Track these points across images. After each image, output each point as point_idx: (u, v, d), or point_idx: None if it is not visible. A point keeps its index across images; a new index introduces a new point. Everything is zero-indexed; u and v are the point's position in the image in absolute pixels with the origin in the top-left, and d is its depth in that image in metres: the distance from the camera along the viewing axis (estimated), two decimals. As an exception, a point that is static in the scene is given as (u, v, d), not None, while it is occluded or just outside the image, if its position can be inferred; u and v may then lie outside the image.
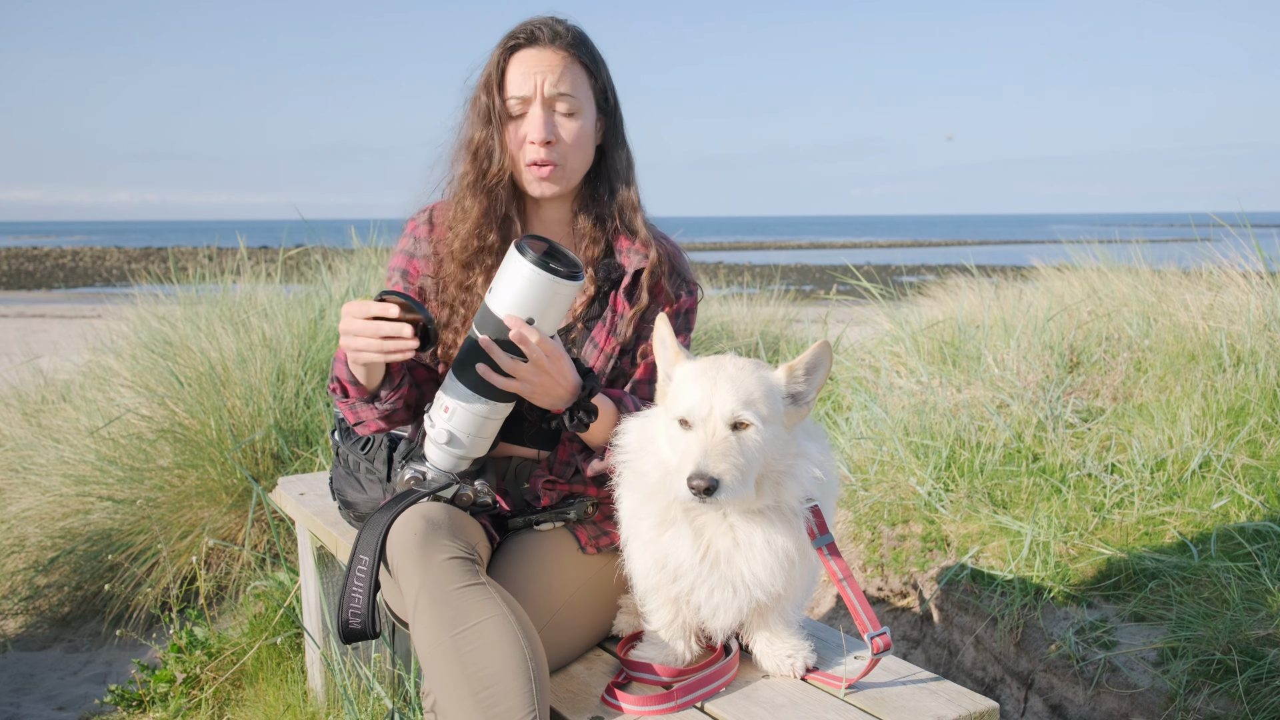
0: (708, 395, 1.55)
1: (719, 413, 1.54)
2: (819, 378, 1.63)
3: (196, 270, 5.70)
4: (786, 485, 1.61)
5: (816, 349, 1.62)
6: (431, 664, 1.59)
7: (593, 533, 1.94)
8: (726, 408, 1.54)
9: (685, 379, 1.61)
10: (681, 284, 2.05)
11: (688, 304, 2.06)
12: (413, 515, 1.71)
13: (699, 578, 1.65)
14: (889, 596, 3.15)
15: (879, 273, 5.58)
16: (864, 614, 1.63)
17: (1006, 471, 3.28)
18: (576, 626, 1.88)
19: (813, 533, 1.65)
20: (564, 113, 1.95)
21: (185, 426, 4.00)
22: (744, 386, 1.56)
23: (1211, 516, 2.90)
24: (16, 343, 9.05)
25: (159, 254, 38.85)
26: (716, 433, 1.53)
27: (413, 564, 1.65)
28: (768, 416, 1.56)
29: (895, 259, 39.46)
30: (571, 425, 1.83)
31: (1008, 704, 2.68)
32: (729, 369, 1.59)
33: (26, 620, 3.87)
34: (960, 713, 1.59)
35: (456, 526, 1.73)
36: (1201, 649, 2.39)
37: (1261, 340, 3.53)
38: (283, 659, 3.02)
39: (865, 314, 5.25)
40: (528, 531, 1.96)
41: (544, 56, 1.93)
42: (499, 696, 1.54)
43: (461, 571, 1.65)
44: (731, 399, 1.54)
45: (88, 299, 21.89)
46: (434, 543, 1.66)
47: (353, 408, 1.92)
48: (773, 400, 1.58)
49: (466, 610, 1.60)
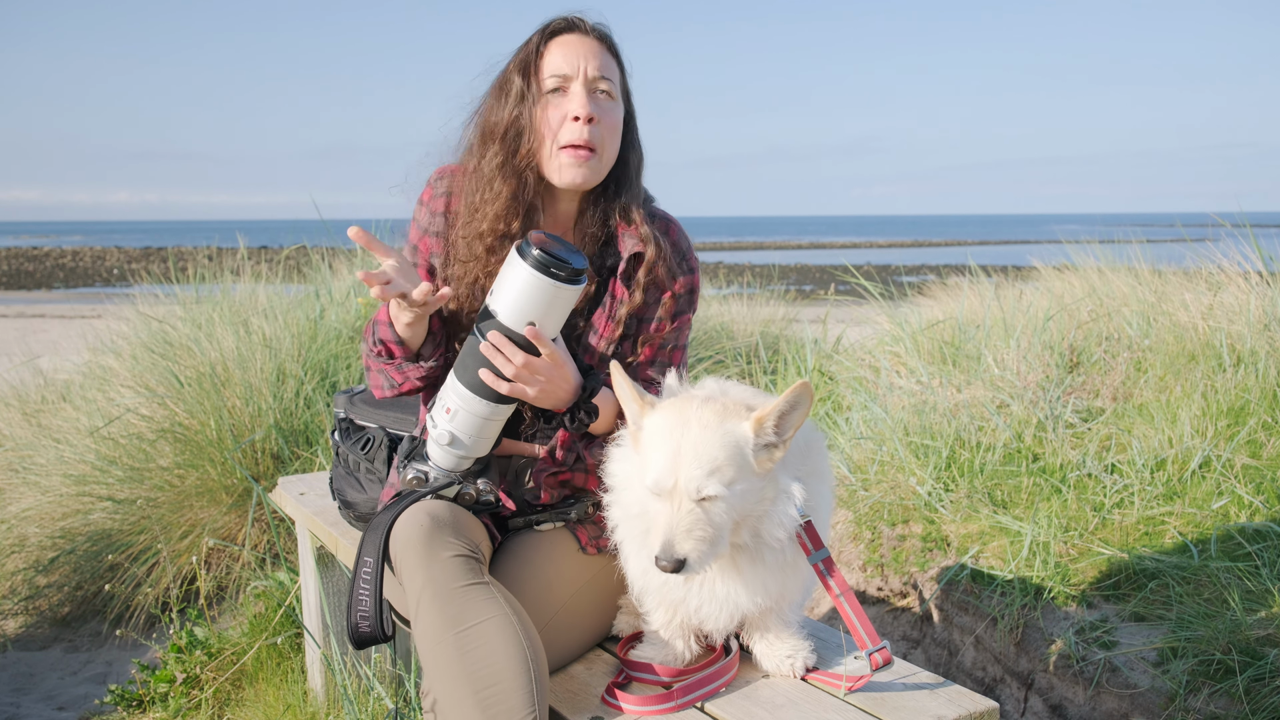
0: (672, 466, 1.52)
1: (683, 487, 1.51)
2: (795, 420, 1.56)
3: (196, 270, 5.70)
4: (765, 527, 1.60)
5: (792, 393, 1.54)
6: (433, 661, 1.59)
7: (593, 532, 1.94)
8: (691, 484, 1.50)
9: (652, 439, 1.57)
10: (681, 262, 2.01)
11: (687, 284, 2.01)
12: (417, 513, 1.71)
13: (689, 590, 1.66)
14: (889, 596, 3.15)
15: (879, 273, 5.58)
16: (862, 630, 1.63)
17: (1006, 471, 3.28)
18: (577, 626, 1.88)
19: (806, 548, 1.63)
20: (605, 94, 1.90)
21: (185, 426, 4.00)
22: (708, 454, 1.51)
23: (1211, 516, 2.90)
24: (16, 343, 9.06)
25: (159, 254, 38.85)
26: (682, 507, 1.51)
27: (416, 561, 1.65)
28: (734, 478, 1.53)
29: (895, 259, 39.46)
30: (573, 425, 1.83)
31: (1008, 704, 2.68)
32: (693, 431, 1.53)
33: (26, 620, 3.87)
34: (960, 713, 1.59)
35: (460, 525, 1.73)
36: (1201, 649, 2.39)
37: (1261, 340, 3.53)
38: (283, 659, 3.02)
39: (865, 314, 5.25)
40: (528, 531, 1.95)
41: (586, 43, 1.91)
42: (499, 696, 1.54)
43: (465, 570, 1.65)
44: (696, 471, 1.50)
45: (88, 299, 21.89)
46: (438, 540, 1.66)
47: (399, 368, 1.92)
48: (740, 459, 1.54)
49: (469, 609, 1.60)
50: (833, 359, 4.80)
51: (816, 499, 1.67)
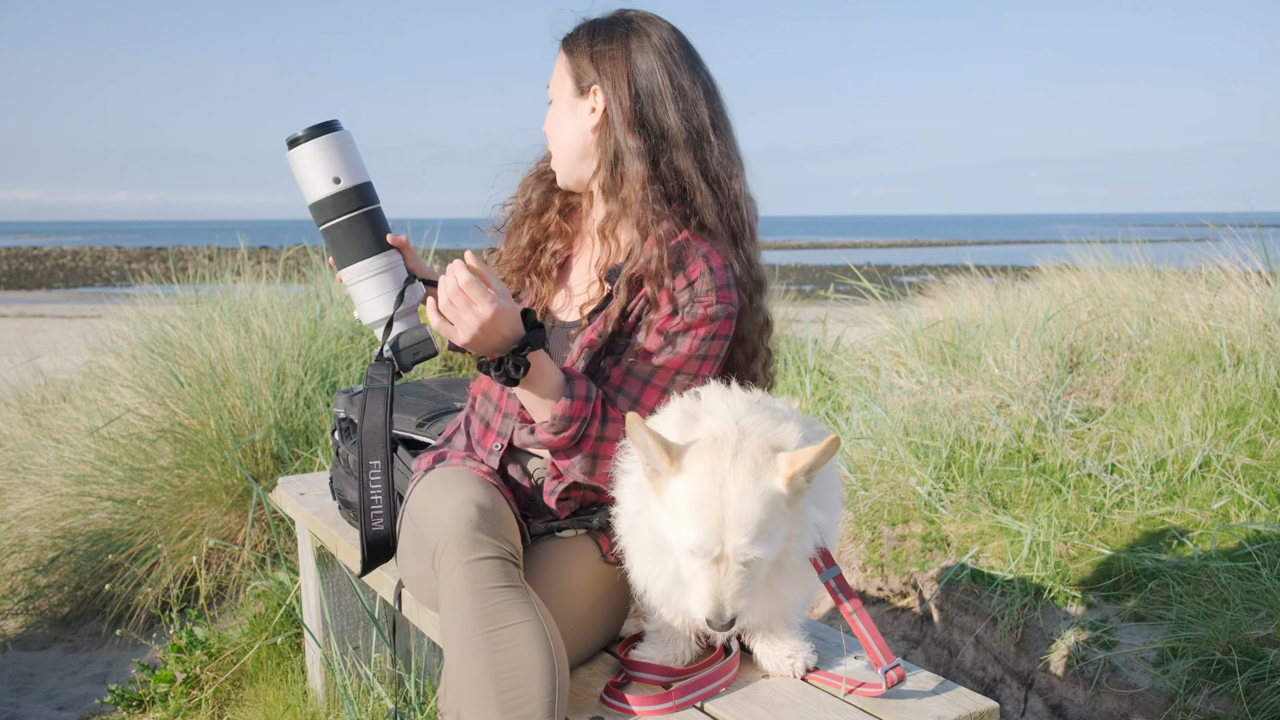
0: (716, 533, 1.48)
1: (731, 554, 1.49)
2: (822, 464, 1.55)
3: (196, 270, 5.69)
4: (789, 558, 1.60)
5: (825, 447, 1.51)
6: (459, 655, 1.60)
7: (614, 540, 1.92)
8: (740, 552, 1.49)
9: (685, 505, 1.51)
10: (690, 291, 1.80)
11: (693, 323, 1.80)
12: (465, 504, 1.70)
13: None
14: (889, 596, 3.15)
15: (879, 273, 5.58)
16: (877, 648, 1.63)
17: (1006, 471, 3.28)
18: (593, 635, 1.87)
19: (818, 566, 1.63)
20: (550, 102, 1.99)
21: (185, 426, 4.00)
22: (752, 520, 1.48)
23: (1212, 516, 2.90)
24: (16, 343, 9.05)
25: (159, 254, 38.84)
26: (729, 570, 1.50)
27: (458, 555, 1.65)
28: (775, 532, 1.52)
29: (895, 259, 39.45)
30: (496, 374, 1.73)
31: (1008, 704, 2.68)
32: (732, 495, 1.49)
33: (26, 620, 3.87)
34: (960, 713, 1.59)
35: (501, 523, 1.73)
36: (1201, 649, 2.39)
37: (1261, 340, 3.53)
38: (283, 659, 3.02)
39: (865, 314, 5.25)
40: (549, 538, 1.93)
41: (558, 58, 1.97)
42: (523, 700, 1.55)
43: (503, 572, 1.65)
44: (743, 540, 1.48)
45: (88, 299, 21.88)
46: (481, 540, 1.66)
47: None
48: (778, 512, 1.52)
49: (503, 610, 1.61)
50: (833, 359, 4.80)
51: (829, 511, 1.66)
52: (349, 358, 4.52)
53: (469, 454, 2.00)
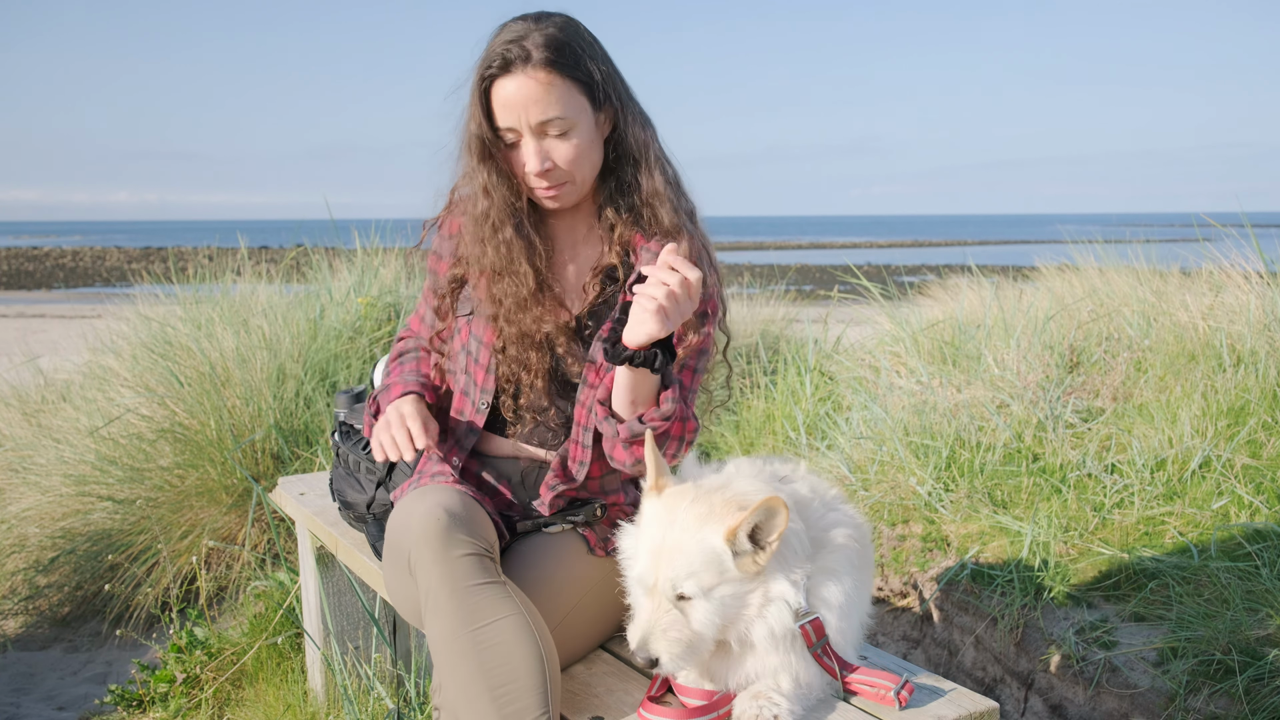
0: (653, 563, 1.53)
1: (662, 586, 1.52)
2: (772, 528, 1.50)
3: (196, 270, 5.69)
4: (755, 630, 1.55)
5: (759, 508, 1.48)
6: (447, 657, 1.59)
7: (601, 534, 1.93)
8: (668, 583, 1.51)
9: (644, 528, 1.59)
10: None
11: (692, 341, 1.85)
12: (434, 508, 1.70)
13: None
14: (889, 596, 3.15)
15: (879, 273, 5.58)
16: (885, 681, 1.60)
17: (1006, 471, 3.28)
18: (585, 629, 1.87)
19: (809, 638, 1.57)
20: (556, 135, 1.82)
21: (185, 426, 4.00)
22: (686, 557, 1.51)
23: (1212, 516, 2.90)
24: (16, 343, 9.05)
25: (159, 254, 38.85)
26: (660, 605, 1.52)
27: (432, 558, 1.64)
28: (713, 585, 1.51)
29: (895, 259, 39.45)
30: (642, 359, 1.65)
31: (1008, 704, 2.68)
32: (676, 529, 1.53)
33: (26, 620, 3.87)
34: (960, 713, 1.59)
35: (474, 522, 1.73)
36: (1201, 649, 2.39)
37: (1261, 340, 3.53)
38: (283, 659, 3.02)
39: (865, 314, 5.25)
40: (536, 534, 1.94)
41: (522, 86, 1.78)
42: (514, 695, 1.55)
43: (480, 568, 1.65)
44: (672, 572, 1.51)
45: (88, 299, 21.89)
46: (454, 538, 1.66)
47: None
48: (717, 566, 1.51)
49: (485, 607, 1.61)
50: (833, 359, 4.80)
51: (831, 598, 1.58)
52: (349, 358, 4.52)
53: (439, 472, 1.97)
